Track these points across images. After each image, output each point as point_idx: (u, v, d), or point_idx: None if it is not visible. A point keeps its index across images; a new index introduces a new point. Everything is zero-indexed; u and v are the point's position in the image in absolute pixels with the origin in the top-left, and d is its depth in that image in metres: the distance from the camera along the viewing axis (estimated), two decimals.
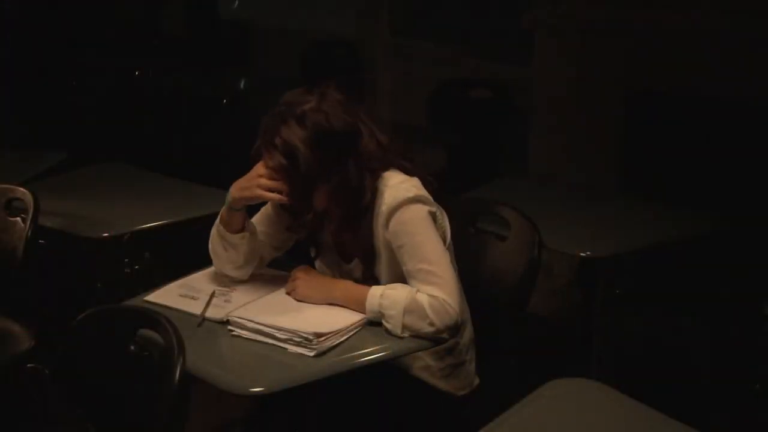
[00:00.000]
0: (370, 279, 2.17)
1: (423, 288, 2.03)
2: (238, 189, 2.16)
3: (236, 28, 5.68)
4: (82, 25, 5.95)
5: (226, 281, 2.26)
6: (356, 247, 2.17)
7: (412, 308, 2.01)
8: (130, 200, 3.17)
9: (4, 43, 5.27)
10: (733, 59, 3.56)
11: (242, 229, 2.20)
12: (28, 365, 2.55)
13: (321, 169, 2.05)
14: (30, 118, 4.26)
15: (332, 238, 2.21)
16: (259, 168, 2.12)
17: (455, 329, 2.04)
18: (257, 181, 2.11)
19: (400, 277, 2.10)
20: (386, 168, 2.13)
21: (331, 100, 2.08)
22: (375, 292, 2.06)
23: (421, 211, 2.07)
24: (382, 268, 2.15)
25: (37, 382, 2.55)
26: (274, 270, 2.31)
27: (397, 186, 2.09)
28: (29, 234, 2.58)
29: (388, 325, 2.03)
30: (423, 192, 2.10)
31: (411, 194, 2.07)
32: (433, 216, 2.10)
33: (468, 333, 2.26)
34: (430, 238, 2.06)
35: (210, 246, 2.26)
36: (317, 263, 2.28)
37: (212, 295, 2.17)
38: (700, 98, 3.67)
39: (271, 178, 2.10)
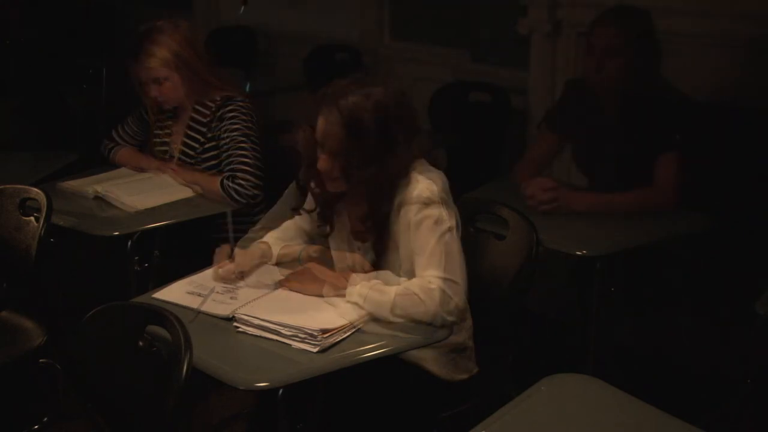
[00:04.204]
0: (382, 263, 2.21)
1: (424, 275, 2.07)
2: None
3: (240, 32, 5.70)
4: (86, 28, 6.00)
5: (230, 279, 2.28)
6: (373, 232, 2.21)
7: (402, 293, 2.06)
8: None
9: (11, 47, 5.31)
10: (725, 62, 3.59)
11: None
12: (40, 360, 2.58)
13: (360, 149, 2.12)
14: (39, 121, 4.30)
15: (351, 220, 2.26)
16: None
17: (457, 313, 2.07)
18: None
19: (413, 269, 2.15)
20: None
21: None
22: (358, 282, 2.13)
23: (438, 212, 2.11)
24: (396, 258, 2.18)
25: (48, 377, 2.59)
26: (279, 268, 2.34)
27: (424, 181, 2.14)
28: (42, 233, 2.61)
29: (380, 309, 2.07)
30: (445, 192, 2.16)
31: (435, 194, 2.12)
32: (448, 216, 2.14)
33: (467, 329, 2.31)
34: (443, 239, 2.10)
35: None
36: (330, 241, 2.33)
37: (211, 291, 2.20)
38: (693, 101, 3.69)
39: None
